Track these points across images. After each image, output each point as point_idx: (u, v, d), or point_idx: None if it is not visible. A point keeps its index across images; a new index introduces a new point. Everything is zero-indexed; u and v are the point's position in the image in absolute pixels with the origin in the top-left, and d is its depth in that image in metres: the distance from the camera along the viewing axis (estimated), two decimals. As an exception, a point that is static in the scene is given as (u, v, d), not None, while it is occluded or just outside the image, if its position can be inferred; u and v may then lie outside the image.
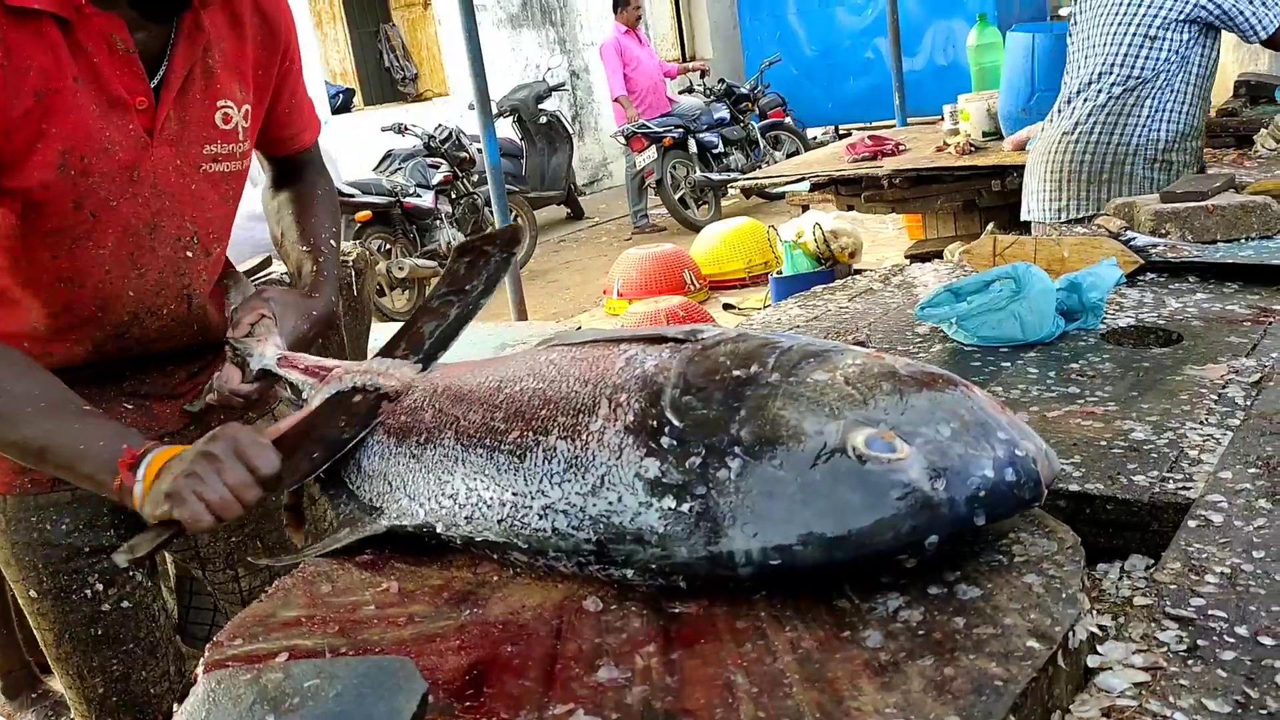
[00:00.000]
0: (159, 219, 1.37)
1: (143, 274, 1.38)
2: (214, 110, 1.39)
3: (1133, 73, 2.86)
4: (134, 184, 1.32)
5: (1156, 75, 2.85)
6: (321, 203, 1.64)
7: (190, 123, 1.36)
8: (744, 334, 1.00)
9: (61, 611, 1.48)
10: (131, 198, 1.33)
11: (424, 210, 7.69)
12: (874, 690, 0.73)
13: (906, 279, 2.12)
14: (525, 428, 1.00)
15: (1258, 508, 0.99)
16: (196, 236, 1.42)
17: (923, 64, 11.06)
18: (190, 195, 1.39)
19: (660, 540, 0.87)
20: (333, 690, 0.77)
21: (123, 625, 1.50)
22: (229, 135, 1.41)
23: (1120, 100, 2.89)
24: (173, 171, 1.36)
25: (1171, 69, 2.84)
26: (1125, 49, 2.86)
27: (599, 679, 0.80)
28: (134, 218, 1.34)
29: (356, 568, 1.06)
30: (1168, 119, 2.87)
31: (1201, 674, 0.76)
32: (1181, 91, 2.87)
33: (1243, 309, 1.63)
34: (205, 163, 1.40)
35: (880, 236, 7.30)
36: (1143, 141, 2.88)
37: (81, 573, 1.47)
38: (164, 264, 1.40)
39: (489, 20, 11.37)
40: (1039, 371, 1.45)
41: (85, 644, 1.49)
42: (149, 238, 1.36)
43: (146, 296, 1.40)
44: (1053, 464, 0.89)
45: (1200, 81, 2.89)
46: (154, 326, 1.43)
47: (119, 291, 1.37)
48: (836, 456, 0.84)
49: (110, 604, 1.49)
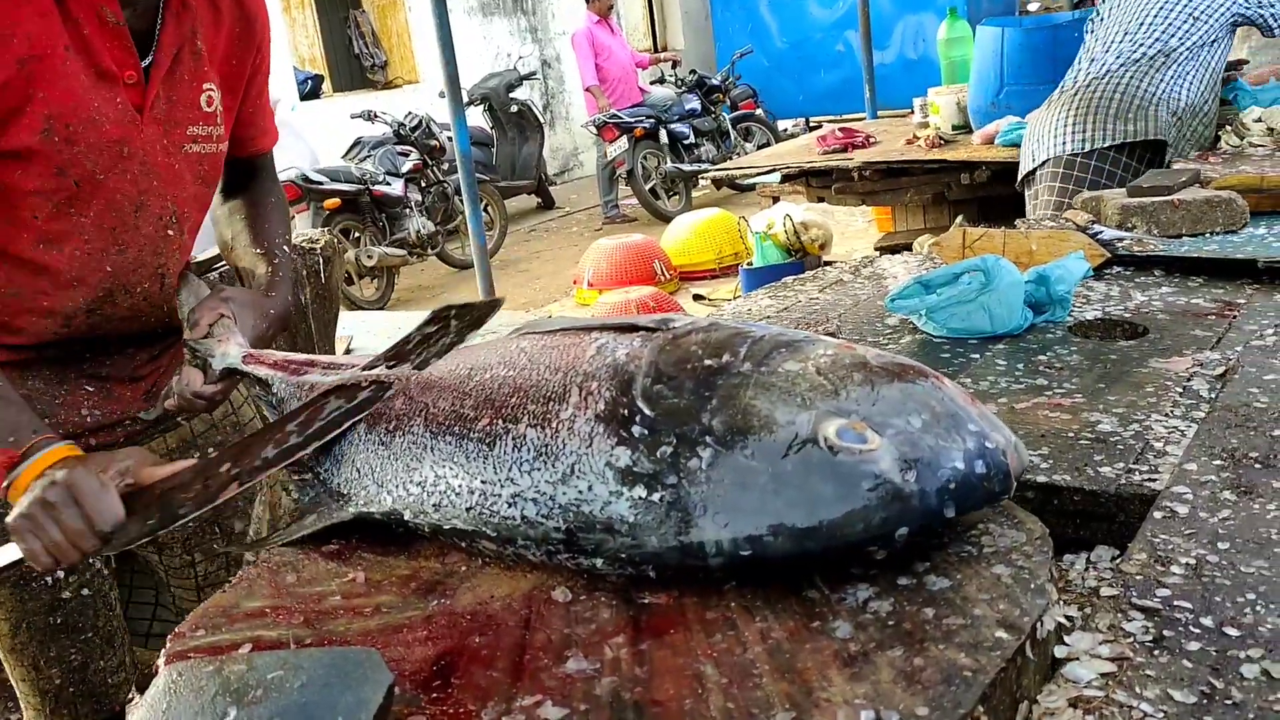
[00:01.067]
0: (145, 197, 1.37)
1: (123, 250, 1.39)
2: (199, 92, 1.41)
3: (1170, 40, 3.02)
4: (124, 160, 1.33)
5: (1188, 51, 3.01)
6: (275, 209, 1.63)
7: (178, 102, 1.38)
8: (716, 323, 1.00)
9: (20, 600, 1.46)
10: (120, 174, 1.34)
11: (393, 198, 7.63)
12: (843, 681, 0.73)
13: (876, 271, 2.12)
14: (495, 415, 0.99)
15: (1222, 499, 1.00)
16: (176, 216, 1.43)
17: (893, 57, 11.09)
18: (174, 174, 1.41)
19: (630, 529, 0.87)
20: (297, 681, 0.76)
21: (82, 614, 1.49)
22: (210, 118, 1.43)
23: (1152, 59, 3.04)
24: (159, 150, 1.38)
25: (1201, 49, 3.01)
26: (1170, 20, 3.03)
27: (568, 670, 0.79)
28: (120, 194, 1.35)
29: (322, 558, 1.05)
30: (1187, 86, 3.03)
31: (1168, 664, 0.77)
32: (1199, 72, 3.03)
33: (1207, 303, 1.65)
34: (188, 143, 1.41)
35: (850, 229, 7.33)
36: (1166, 94, 3.02)
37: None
38: (145, 242, 1.40)
39: (460, 7, 11.29)
40: (1007, 363, 1.46)
41: (44, 633, 1.47)
42: (134, 215, 1.37)
43: (124, 273, 1.40)
44: (1022, 456, 0.89)
45: (1214, 70, 3.06)
46: (126, 304, 1.43)
47: (98, 264, 1.37)
48: (808, 447, 0.84)
49: (71, 591, 1.47)
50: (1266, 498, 1.00)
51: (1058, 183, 3.06)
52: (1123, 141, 2.98)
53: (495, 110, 9.74)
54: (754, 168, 5.23)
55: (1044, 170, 3.13)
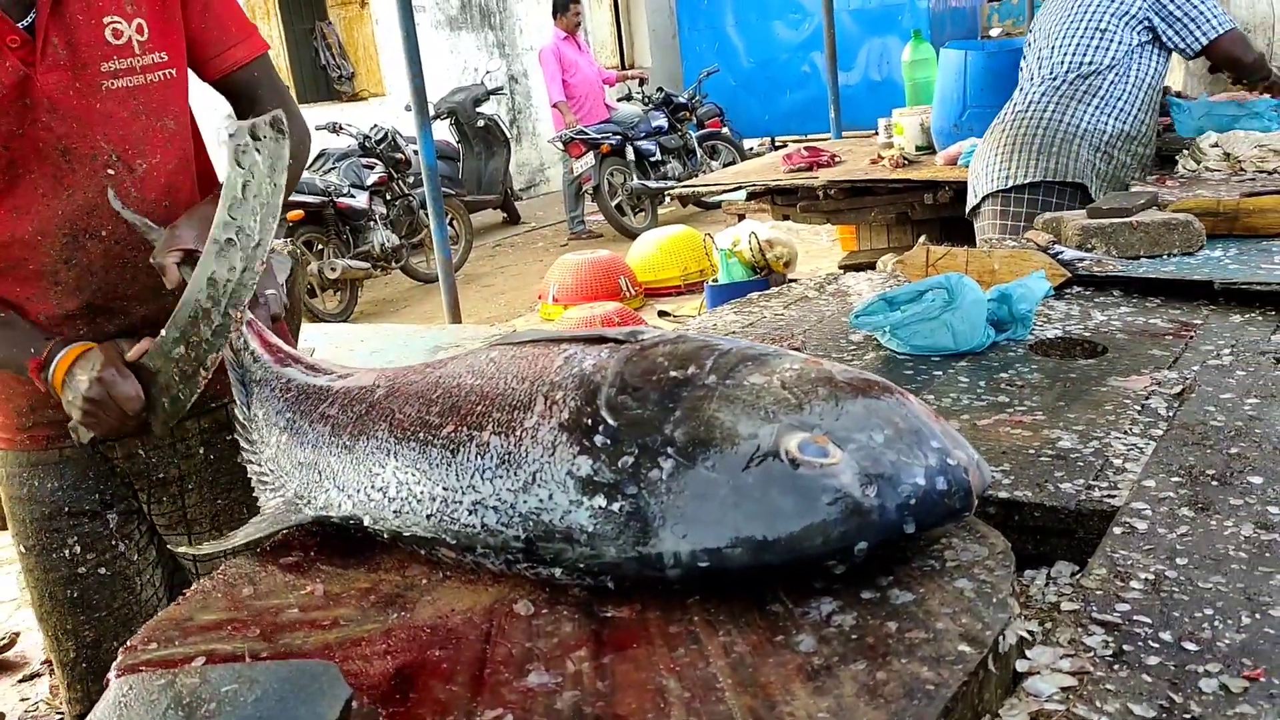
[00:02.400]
0: (67, 141, 1.39)
1: (70, 194, 1.41)
2: (101, 28, 1.40)
3: (1085, 60, 3.00)
4: (30, 110, 1.36)
5: (1108, 69, 2.98)
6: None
7: (79, 44, 1.38)
8: (684, 336, 1.00)
9: (43, 569, 1.55)
10: (32, 124, 1.36)
11: (358, 211, 7.57)
12: (806, 694, 0.72)
13: (841, 287, 2.13)
14: (460, 423, 0.98)
15: (1180, 516, 1.01)
16: (115, 154, 1.43)
17: (858, 79, 11.22)
18: (97, 115, 1.41)
19: (589, 539, 0.86)
20: (252, 695, 0.74)
21: (98, 591, 1.55)
22: (124, 50, 1.42)
23: (1073, 85, 3.02)
24: (73, 95, 1.38)
25: (1120, 67, 2.98)
26: (1079, 39, 3.02)
27: (529, 683, 0.78)
28: (42, 143, 1.37)
29: (280, 570, 1.03)
30: (1114, 115, 3.00)
31: (1127, 679, 0.77)
32: (1128, 93, 3.00)
33: (1165, 323, 1.67)
34: (105, 79, 1.41)
35: (814, 248, 7.38)
36: (1089, 127, 2.99)
37: (61, 532, 1.53)
38: (86, 183, 1.41)
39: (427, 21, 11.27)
40: (970, 380, 1.47)
41: (62, 605, 1.55)
42: (64, 161, 1.39)
43: (78, 217, 1.42)
44: (984, 474, 0.89)
45: (1146, 88, 3.02)
46: (99, 251, 1.44)
47: (52, 213, 1.40)
48: (769, 460, 0.83)
49: (87, 568, 1.54)
50: (1223, 514, 1.01)
51: (997, 219, 3.09)
52: (1047, 180, 2.98)
53: (462, 124, 9.71)
54: (720, 185, 5.25)
55: (985, 205, 3.16)
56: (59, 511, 1.53)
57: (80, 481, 1.53)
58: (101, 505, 1.55)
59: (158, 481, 1.58)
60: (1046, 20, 3.18)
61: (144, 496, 1.59)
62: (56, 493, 1.53)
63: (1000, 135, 3.13)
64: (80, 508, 1.53)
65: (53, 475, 1.53)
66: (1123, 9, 2.96)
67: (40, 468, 1.53)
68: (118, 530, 1.56)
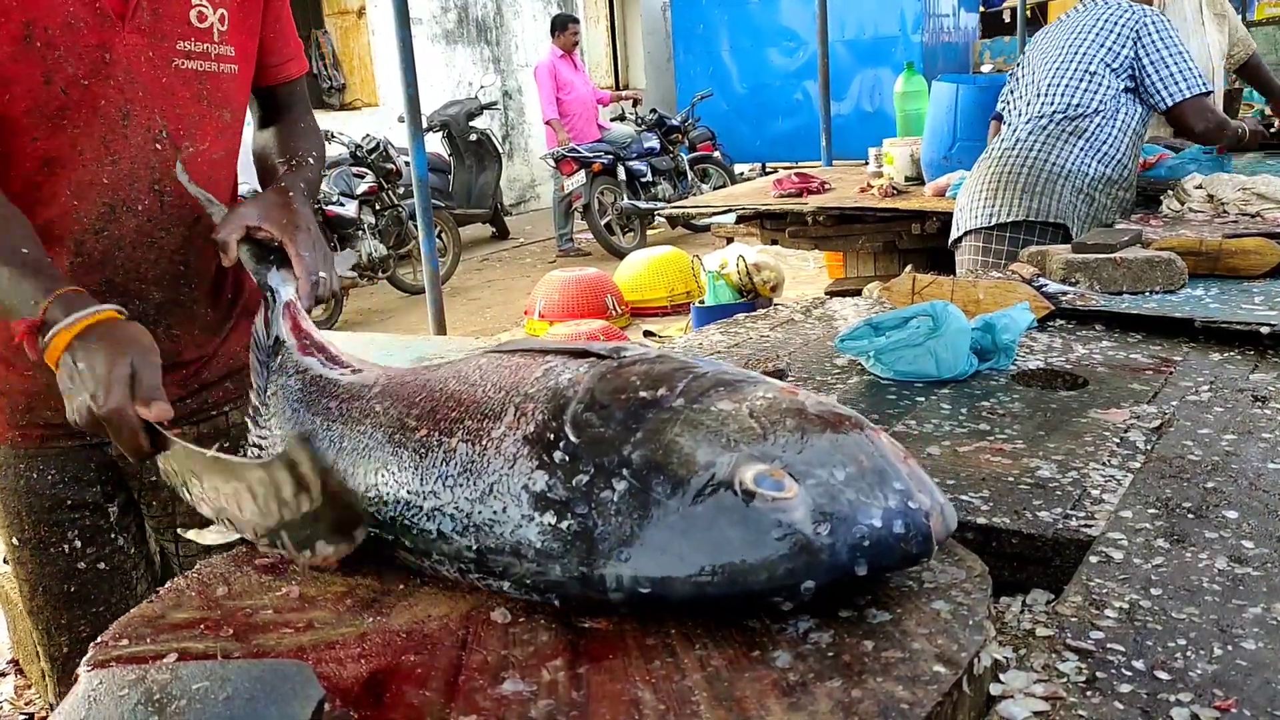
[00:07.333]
0: (130, 106, 1.39)
1: (116, 161, 1.39)
2: (189, 6, 1.41)
3: (1071, 102, 3.03)
4: (106, 65, 1.35)
5: (1094, 112, 3.01)
6: (307, 133, 1.64)
7: (163, 16, 1.39)
8: (664, 355, 0.99)
9: (39, 563, 1.51)
10: (103, 80, 1.35)
11: (347, 220, 7.57)
12: (782, 710, 0.72)
13: (827, 312, 2.14)
14: (434, 427, 0.97)
15: (1156, 546, 1.02)
16: (166, 130, 1.43)
17: (849, 109, 11.31)
18: (161, 88, 1.41)
19: (536, 555, 0.85)
20: (223, 694, 0.74)
21: (96, 586, 1.51)
22: (203, 34, 1.43)
23: (1059, 126, 3.05)
24: (144, 62, 1.38)
25: (1106, 110, 3.01)
26: (1066, 81, 3.05)
27: (503, 691, 0.78)
28: (105, 100, 1.36)
29: (255, 571, 1.02)
30: (1099, 157, 3.02)
31: (1099, 705, 0.78)
32: (1113, 137, 3.03)
33: (1145, 358, 1.69)
34: (178, 58, 1.41)
35: (802, 274, 7.41)
36: (1074, 169, 3.01)
37: (61, 525, 1.49)
38: (135, 152, 1.41)
39: (424, 34, 11.31)
40: (951, 408, 1.48)
41: (58, 599, 1.51)
42: (122, 124, 1.39)
43: (120, 186, 1.41)
44: (948, 520, 0.86)
45: (1130, 134, 3.05)
46: (131, 225, 1.43)
47: (93, 177, 1.38)
48: (722, 490, 0.81)
49: (86, 563, 1.51)
50: (1198, 546, 1.02)
51: (979, 255, 3.11)
52: (1031, 219, 3.00)
53: (454, 138, 9.74)
54: (710, 207, 5.28)
55: (966, 240, 3.19)
56: (60, 504, 1.49)
57: (82, 474, 1.50)
58: (104, 497, 1.52)
59: (149, 484, 1.55)
60: (1035, 59, 3.20)
61: (138, 493, 1.57)
62: (58, 485, 1.49)
63: (986, 171, 3.15)
64: (83, 499, 1.50)
65: (54, 467, 1.49)
66: (1111, 54, 3.00)
67: (39, 460, 1.49)
68: (117, 523, 1.54)
